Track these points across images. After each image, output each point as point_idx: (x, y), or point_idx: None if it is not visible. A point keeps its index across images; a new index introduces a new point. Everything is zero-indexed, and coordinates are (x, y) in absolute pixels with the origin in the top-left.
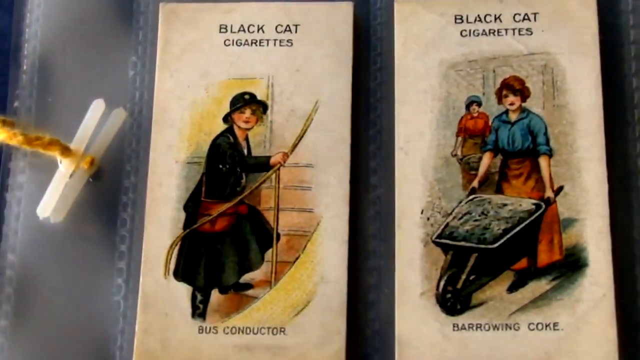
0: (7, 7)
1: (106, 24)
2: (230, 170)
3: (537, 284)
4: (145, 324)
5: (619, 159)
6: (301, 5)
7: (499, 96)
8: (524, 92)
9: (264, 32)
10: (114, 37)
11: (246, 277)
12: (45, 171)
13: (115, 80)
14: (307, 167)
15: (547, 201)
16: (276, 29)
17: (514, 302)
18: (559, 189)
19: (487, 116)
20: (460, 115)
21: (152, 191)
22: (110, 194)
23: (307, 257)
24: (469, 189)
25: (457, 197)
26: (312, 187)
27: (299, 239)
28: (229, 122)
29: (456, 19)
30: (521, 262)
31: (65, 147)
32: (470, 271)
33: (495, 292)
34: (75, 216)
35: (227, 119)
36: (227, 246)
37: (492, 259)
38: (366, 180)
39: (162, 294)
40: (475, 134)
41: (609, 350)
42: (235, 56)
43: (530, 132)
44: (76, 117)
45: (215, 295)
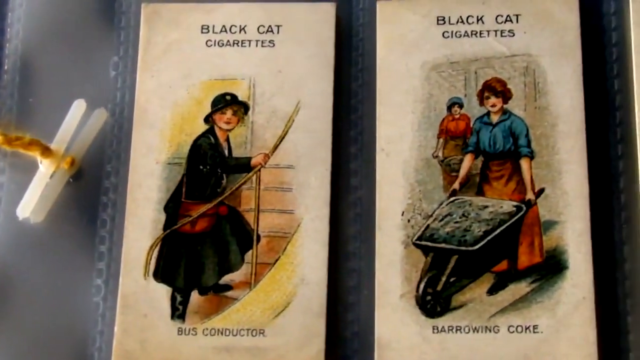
0: None
1: (88, 24)
2: (210, 171)
3: (517, 287)
4: (124, 324)
5: (600, 161)
6: (283, 6)
7: (481, 98)
8: (505, 94)
9: (245, 32)
10: (95, 37)
11: (226, 279)
12: (25, 171)
13: (96, 80)
14: (288, 168)
15: (528, 203)
16: (258, 29)
17: (494, 305)
18: (539, 191)
19: (468, 118)
20: (441, 116)
21: (132, 192)
22: (90, 195)
23: (287, 259)
24: (450, 190)
25: (438, 199)
26: (293, 188)
27: (279, 240)
28: (210, 123)
29: (438, 20)
30: (501, 264)
31: (45, 148)
32: (450, 273)
33: (475, 295)
34: (55, 217)
35: (208, 119)
36: (207, 247)
37: (473, 261)
38: (347, 181)
39: (141, 295)
40: (456, 135)
41: (589, 353)
42: (217, 57)
43: (511, 134)
44: (57, 117)
45: (194, 296)
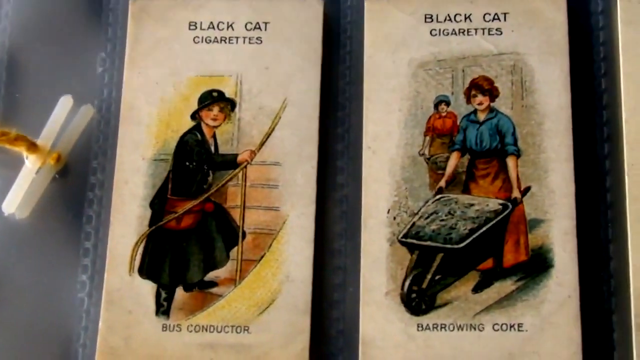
0: None
1: (75, 21)
2: (197, 167)
3: (503, 285)
4: (108, 321)
5: (587, 160)
6: (271, 2)
7: (468, 96)
8: (492, 92)
9: (233, 29)
10: (83, 34)
11: (211, 275)
12: (11, 167)
13: (83, 76)
14: (274, 165)
15: (514, 201)
16: (246, 26)
17: (479, 303)
18: (526, 189)
19: (455, 116)
20: (428, 114)
21: (118, 188)
22: (76, 191)
23: (272, 256)
24: (436, 188)
25: (424, 197)
26: (279, 185)
27: (264, 237)
28: (197, 120)
29: (426, 18)
30: (487, 262)
31: (31, 143)
32: (435, 271)
33: (460, 292)
34: (40, 212)
35: (195, 116)
36: (193, 244)
37: (458, 259)
38: (333, 179)
39: (126, 291)
40: (443, 133)
41: (573, 351)
42: (204, 53)
43: (498, 132)
44: (44, 113)
45: (179, 293)
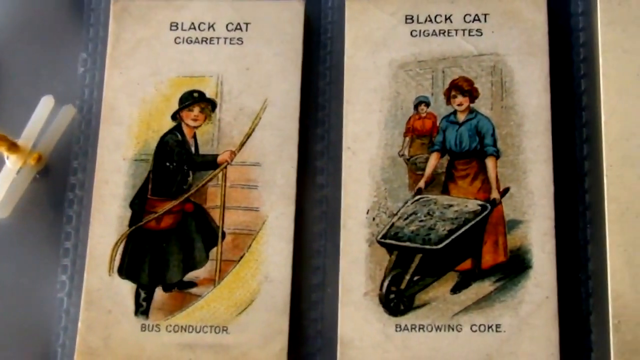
0: None
1: (57, 21)
2: (177, 167)
3: (481, 286)
4: (88, 321)
5: (566, 161)
6: (252, 3)
7: (448, 96)
8: (472, 93)
9: (214, 30)
10: (64, 34)
11: (190, 275)
12: None
13: (65, 77)
14: (254, 165)
15: (492, 202)
16: (227, 27)
17: (457, 303)
18: (505, 190)
19: (435, 116)
20: (408, 115)
21: (98, 188)
22: (56, 191)
23: (251, 256)
24: (415, 189)
25: (403, 198)
26: (259, 185)
27: (244, 237)
28: (178, 120)
29: (407, 18)
30: (465, 263)
31: (12, 143)
32: (414, 272)
33: (438, 293)
34: (21, 213)
35: (175, 116)
36: (172, 244)
37: (437, 260)
38: (313, 179)
39: (105, 291)
40: (423, 134)
41: (551, 352)
42: (185, 54)
43: (477, 133)
44: (25, 113)
45: (159, 293)
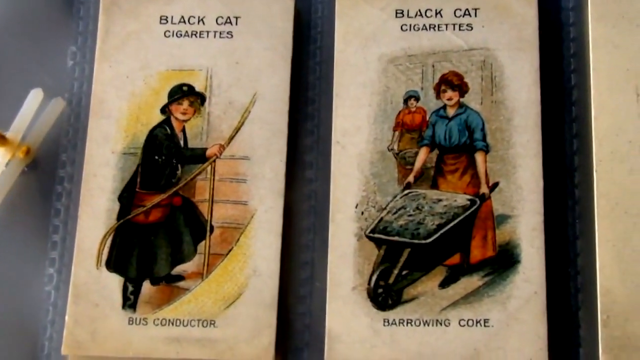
0: None
1: (46, 14)
2: (166, 161)
3: (469, 280)
4: (75, 314)
5: (556, 156)
6: None
7: (438, 91)
8: (462, 88)
9: (204, 23)
10: (54, 27)
11: (178, 269)
12: None
13: (54, 70)
14: (243, 159)
15: (481, 197)
16: (216, 20)
17: (446, 298)
18: (494, 185)
19: (424, 111)
20: (398, 109)
21: (86, 182)
22: (45, 184)
23: (240, 250)
24: (405, 183)
25: (392, 192)
26: (247, 179)
27: (232, 231)
28: (167, 114)
29: (397, 13)
30: (454, 257)
31: (1, 136)
32: (402, 266)
33: (427, 288)
34: (9, 205)
35: (164, 110)
36: (160, 237)
37: (425, 254)
38: (302, 173)
39: (93, 284)
40: (412, 128)
41: (539, 347)
42: (175, 47)
43: (467, 128)
44: (14, 106)
45: (146, 286)
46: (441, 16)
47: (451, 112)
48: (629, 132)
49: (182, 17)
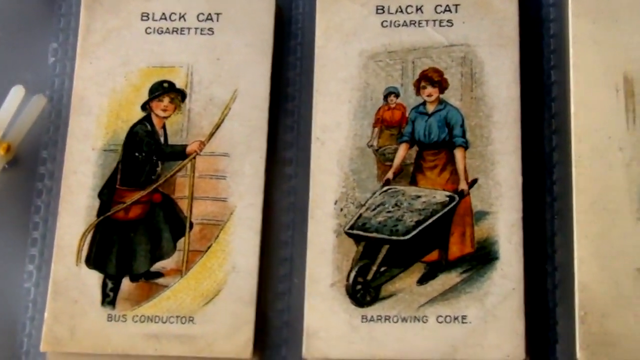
0: None
1: (28, 11)
2: (146, 158)
3: (448, 277)
4: (54, 311)
5: (535, 152)
6: None
7: (417, 87)
8: (442, 84)
9: (185, 20)
10: (35, 23)
11: (157, 266)
12: None
13: (35, 67)
14: (223, 156)
15: (460, 193)
16: (197, 17)
17: (424, 295)
18: (473, 181)
19: (404, 107)
20: (377, 106)
21: (67, 178)
22: (25, 181)
23: (219, 246)
24: (384, 180)
25: (371, 188)
26: (227, 176)
27: (211, 228)
28: (147, 110)
29: (378, 9)
30: (432, 254)
31: None
32: (381, 263)
33: (405, 284)
34: None
35: (145, 107)
36: (140, 234)
37: (404, 251)
38: (282, 170)
39: (73, 281)
40: (392, 125)
41: (517, 344)
42: (156, 44)
43: (447, 124)
44: None
45: (125, 283)
46: (422, 12)
47: (431, 108)
48: (608, 128)
49: (163, 13)
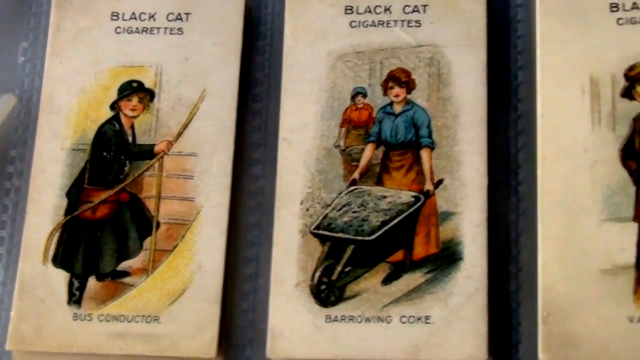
0: None
1: None
2: (114, 157)
3: (412, 277)
4: (20, 310)
5: (500, 153)
6: None
7: (385, 88)
8: (409, 84)
9: (155, 20)
10: (5, 22)
11: (124, 265)
12: None
13: (5, 66)
14: (191, 155)
15: (426, 194)
16: (167, 17)
17: (388, 295)
18: (438, 182)
19: (371, 107)
20: (345, 106)
21: (35, 178)
22: None
23: (185, 246)
24: (350, 180)
25: (337, 189)
26: (195, 176)
27: (178, 227)
28: (116, 110)
29: (346, 9)
30: (397, 254)
31: None
32: (346, 263)
33: (369, 285)
34: None
35: (114, 106)
36: (107, 233)
37: (369, 251)
38: (249, 170)
39: (39, 280)
40: (359, 125)
41: (479, 344)
42: (125, 44)
43: (413, 125)
44: None
45: (92, 282)
46: (390, 12)
47: (398, 108)
48: (574, 130)
49: (133, 13)
